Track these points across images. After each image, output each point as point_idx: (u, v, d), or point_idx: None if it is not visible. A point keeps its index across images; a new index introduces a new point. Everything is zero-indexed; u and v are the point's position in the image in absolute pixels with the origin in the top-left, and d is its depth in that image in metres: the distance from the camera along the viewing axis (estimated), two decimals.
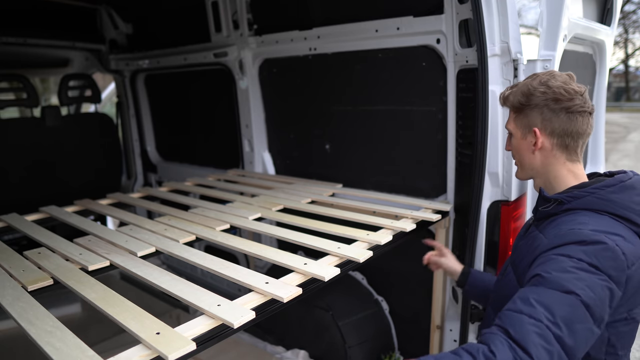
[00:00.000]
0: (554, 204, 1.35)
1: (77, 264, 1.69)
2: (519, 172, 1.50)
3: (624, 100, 33.48)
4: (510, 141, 1.48)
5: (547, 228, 1.35)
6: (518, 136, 1.42)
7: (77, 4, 3.81)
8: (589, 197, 1.29)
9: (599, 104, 2.92)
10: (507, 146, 1.51)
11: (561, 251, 1.19)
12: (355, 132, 2.69)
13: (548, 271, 1.17)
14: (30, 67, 4.28)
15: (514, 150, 1.46)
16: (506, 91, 1.45)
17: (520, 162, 1.46)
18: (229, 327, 1.25)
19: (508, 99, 1.43)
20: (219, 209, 2.32)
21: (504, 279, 1.50)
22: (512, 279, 1.43)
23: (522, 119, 1.40)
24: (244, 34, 2.99)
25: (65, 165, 3.71)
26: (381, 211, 2.21)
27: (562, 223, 1.29)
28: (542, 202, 1.40)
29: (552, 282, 1.14)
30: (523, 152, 1.43)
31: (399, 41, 2.32)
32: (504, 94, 1.45)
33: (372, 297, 2.76)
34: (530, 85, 1.36)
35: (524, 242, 1.44)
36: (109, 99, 5.24)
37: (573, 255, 1.17)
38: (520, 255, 1.41)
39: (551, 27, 2.01)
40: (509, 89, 1.45)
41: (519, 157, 1.45)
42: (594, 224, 1.23)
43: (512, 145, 1.47)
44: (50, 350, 1.13)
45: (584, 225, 1.23)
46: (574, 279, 1.13)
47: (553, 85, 1.34)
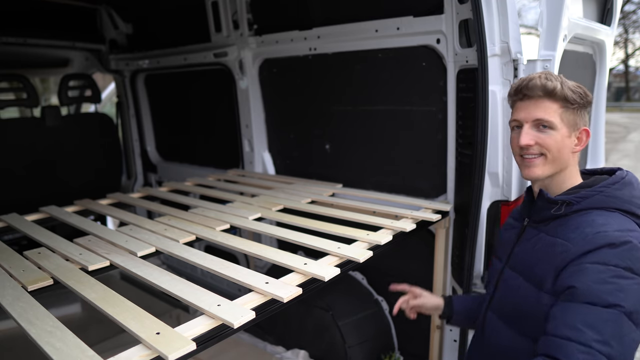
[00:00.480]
0: (561, 205, 1.33)
1: (77, 264, 1.69)
2: (545, 168, 1.35)
3: (624, 100, 33.48)
4: (540, 134, 1.34)
5: (558, 230, 1.32)
6: (564, 132, 1.32)
7: (77, 4, 3.81)
8: (598, 195, 1.30)
9: (599, 104, 2.92)
10: (530, 140, 1.34)
11: (595, 258, 1.19)
12: (355, 132, 2.69)
13: (587, 283, 1.16)
14: (30, 67, 4.28)
15: (554, 146, 1.33)
16: (548, 82, 1.31)
17: (556, 159, 1.34)
18: (229, 327, 1.25)
19: (558, 92, 1.31)
20: (219, 209, 2.32)
21: (507, 285, 1.44)
22: (521, 285, 1.37)
23: (569, 116, 1.33)
24: (244, 34, 2.99)
25: (65, 165, 3.71)
26: (381, 211, 2.21)
27: (579, 225, 1.27)
28: (545, 204, 1.37)
29: (592, 295, 1.14)
30: (564, 149, 1.34)
31: (399, 41, 2.32)
32: (553, 86, 1.31)
33: (372, 297, 2.76)
34: (571, 83, 1.33)
35: (526, 247, 1.41)
36: (109, 99, 5.24)
37: (608, 262, 1.17)
38: (528, 261, 1.37)
39: (551, 27, 2.01)
40: (546, 79, 1.32)
41: (558, 153, 1.33)
42: (614, 224, 1.24)
43: (552, 139, 1.33)
44: (50, 350, 1.13)
45: (607, 226, 1.23)
46: (615, 291, 1.14)
47: (584, 88, 1.35)
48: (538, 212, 1.40)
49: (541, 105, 1.33)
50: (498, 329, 1.46)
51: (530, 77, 1.36)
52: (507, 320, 1.42)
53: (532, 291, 1.32)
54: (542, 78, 1.33)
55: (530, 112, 1.35)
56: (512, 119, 1.42)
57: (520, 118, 1.38)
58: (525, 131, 1.35)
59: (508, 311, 1.41)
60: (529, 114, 1.35)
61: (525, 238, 1.44)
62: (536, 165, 1.36)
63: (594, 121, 2.92)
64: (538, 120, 1.34)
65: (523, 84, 1.36)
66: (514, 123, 1.41)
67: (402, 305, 1.78)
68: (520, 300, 1.36)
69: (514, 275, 1.43)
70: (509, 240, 1.53)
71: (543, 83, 1.32)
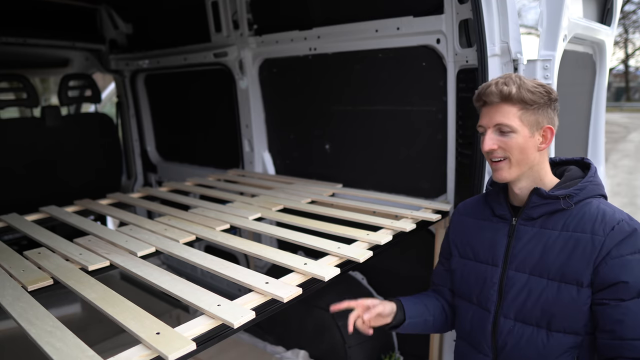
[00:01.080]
0: (564, 199, 1.36)
1: (77, 264, 1.69)
2: (512, 171, 1.40)
3: (624, 100, 33.46)
4: (502, 138, 1.38)
5: (567, 224, 1.36)
6: (525, 134, 1.36)
7: (77, 4, 3.81)
8: (590, 185, 1.38)
9: (599, 104, 2.92)
10: (493, 144, 1.38)
11: (631, 248, 1.28)
12: (355, 132, 2.69)
13: (637, 276, 1.25)
14: (30, 67, 4.28)
15: (517, 148, 1.37)
16: (504, 87, 1.35)
17: (521, 160, 1.39)
18: (229, 327, 1.25)
19: (515, 95, 1.34)
20: (219, 209, 2.32)
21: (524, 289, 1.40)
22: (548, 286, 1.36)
23: (529, 117, 1.36)
24: (244, 34, 2.99)
25: (65, 165, 3.71)
26: (381, 211, 2.21)
27: (590, 215, 1.34)
28: (541, 200, 1.38)
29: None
30: (528, 150, 1.38)
31: (399, 41, 2.32)
32: (509, 91, 1.34)
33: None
34: (530, 84, 1.36)
35: (531, 246, 1.39)
36: (109, 99, 5.24)
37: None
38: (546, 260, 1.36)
39: (551, 27, 2.01)
40: (502, 84, 1.36)
41: (521, 155, 1.38)
42: (616, 210, 1.35)
43: (513, 142, 1.37)
44: (50, 350, 1.13)
45: (617, 213, 1.33)
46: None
47: (547, 85, 1.39)
48: (533, 209, 1.40)
49: (500, 110, 1.37)
50: (520, 333, 1.41)
51: (488, 84, 1.40)
52: (536, 322, 1.39)
53: (568, 290, 1.32)
54: (499, 84, 1.37)
55: (491, 118, 1.39)
56: (477, 124, 1.45)
57: (483, 124, 1.42)
58: (488, 136, 1.40)
59: (536, 314, 1.38)
60: (490, 120, 1.40)
61: (522, 237, 1.42)
62: (502, 168, 1.41)
63: (594, 121, 2.92)
64: (498, 125, 1.38)
65: (482, 90, 1.41)
66: (480, 129, 1.44)
67: (357, 323, 1.54)
68: (553, 301, 1.35)
69: (530, 278, 1.39)
70: (492, 241, 1.49)
71: (499, 89, 1.36)
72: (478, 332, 1.51)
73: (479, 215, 1.57)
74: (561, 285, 1.33)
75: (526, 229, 1.42)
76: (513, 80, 1.37)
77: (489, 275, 1.48)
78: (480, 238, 1.53)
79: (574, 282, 1.32)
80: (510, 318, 1.43)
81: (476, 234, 1.55)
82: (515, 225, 1.44)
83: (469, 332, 1.56)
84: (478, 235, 1.54)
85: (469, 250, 1.56)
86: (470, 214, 1.61)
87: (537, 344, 1.38)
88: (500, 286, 1.45)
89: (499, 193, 1.51)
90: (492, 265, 1.48)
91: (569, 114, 2.47)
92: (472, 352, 1.55)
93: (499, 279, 1.46)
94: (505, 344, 1.44)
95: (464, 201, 1.69)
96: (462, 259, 1.58)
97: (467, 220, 1.60)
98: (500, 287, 1.45)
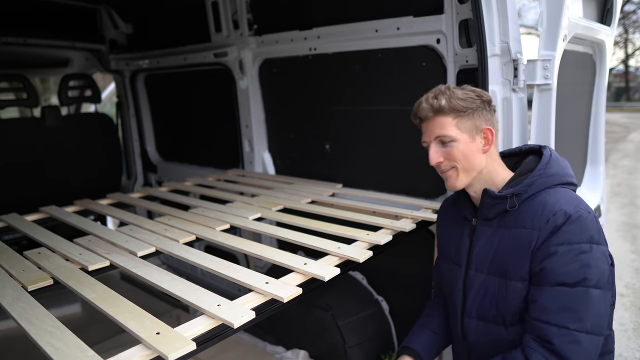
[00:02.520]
0: (511, 198, 1.38)
1: (77, 264, 1.69)
2: (461, 178, 1.44)
3: (624, 100, 33.46)
4: (445, 149, 1.42)
5: (516, 221, 1.38)
6: (465, 140, 1.41)
7: (77, 4, 3.81)
8: (539, 179, 1.38)
9: (599, 104, 2.91)
10: (439, 157, 1.43)
11: (559, 239, 1.29)
12: (356, 132, 2.69)
13: (555, 265, 1.28)
14: (30, 67, 4.28)
15: (461, 156, 1.41)
16: (435, 100, 1.40)
17: (467, 166, 1.42)
18: (229, 327, 1.25)
19: (445, 106, 1.39)
20: (219, 209, 2.32)
21: (482, 288, 1.45)
22: (500, 285, 1.40)
23: (466, 123, 1.40)
24: (244, 34, 2.99)
25: (65, 165, 3.71)
26: (381, 211, 2.21)
27: (535, 209, 1.35)
28: (492, 201, 1.41)
29: (560, 276, 1.27)
30: (472, 155, 1.42)
31: (399, 41, 2.32)
32: (439, 103, 1.39)
33: (372, 297, 2.76)
34: (457, 92, 1.41)
35: (487, 246, 1.43)
36: (109, 99, 5.24)
37: (571, 240, 1.28)
38: (498, 260, 1.40)
39: (551, 27, 2.01)
40: (432, 98, 1.41)
41: (466, 161, 1.42)
42: (563, 199, 1.34)
43: (456, 151, 1.41)
44: (50, 350, 1.13)
45: (559, 203, 1.33)
46: (580, 268, 1.26)
47: (476, 89, 1.44)
48: (488, 210, 1.44)
49: (436, 123, 1.43)
50: (483, 330, 1.47)
51: (419, 102, 1.46)
52: (494, 319, 1.44)
53: (516, 288, 1.37)
54: (429, 99, 1.43)
55: (431, 132, 1.45)
56: (421, 140, 1.51)
57: (425, 139, 1.48)
58: (432, 150, 1.46)
59: (492, 312, 1.44)
60: (429, 135, 1.46)
61: (480, 237, 1.46)
62: (452, 177, 1.46)
63: (594, 121, 2.92)
64: (439, 137, 1.43)
65: (415, 108, 1.48)
66: (424, 144, 1.50)
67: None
68: (503, 298, 1.40)
69: (487, 278, 1.44)
70: (458, 242, 1.53)
71: (430, 103, 1.42)
72: (454, 330, 1.59)
73: (450, 216, 1.63)
74: (508, 282, 1.39)
75: (484, 229, 1.46)
76: (442, 91, 1.42)
77: (454, 276, 1.54)
78: (449, 238, 1.59)
79: (517, 279, 1.37)
80: (473, 317, 1.49)
81: (448, 234, 1.61)
82: (476, 225, 1.48)
83: (451, 329, 1.63)
84: (449, 235, 1.60)
85: (444, 250, 1.63)
86: (444, 216, 1.67)
87: (499, 339, 1.44)
88: (464, 286, 1.51)
89: (461, 195, 1.55)
90: (458, 265, 1.53)
91: (569, 114, 2.46)
92: (454, 346, 1.65)
93: (462, 279, 1.51)
94: (474, 342, 1.51)
95: (446, 199, 1.74)
96: (440, 260, 1.66)
97: (442, 222, 1.68)
98: (464, 287, 1.51)
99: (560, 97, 2.05)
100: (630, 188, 9.23)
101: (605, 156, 3.18)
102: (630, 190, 9.06)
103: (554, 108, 1.99)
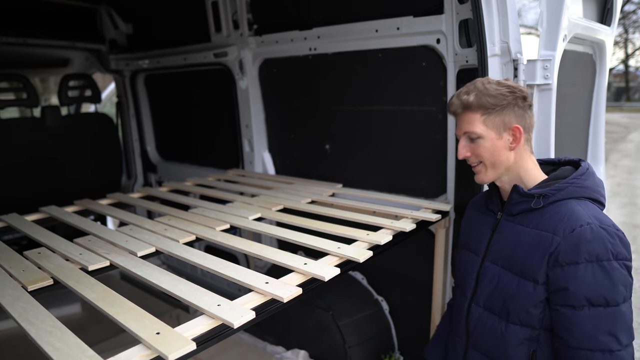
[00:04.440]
0: (538, 198, 1.39)
1: (77, 264, 1.69)
2: (488, 173, 1.47)
3: (624, 100, 33.46)
4: (473, 145, 1.45)
5: (538, 222, 1.38)
6: (492, 137, 1.42)
7: (77, 4, 3.81)
8: (570, 187, 1.38)
9: (599, 104, 2.92)
10: (466, 152, 1.47)
11: (585, 255, 1.27)
12: (356, 132, 2.69)
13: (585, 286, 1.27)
14: (30, 67, 4.28)
15: (486, 152, 1.44)
16: (464, 96, 1.42)
17: (494, 162, 1.45)
18: (229, 327, 1.25)
19: (473, 103, 1.40)
20: (219, 209, 2.32)
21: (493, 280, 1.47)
22: (511, 279, 1.42)
23: (494, 120, 1.41)
24: (244, 34, 2.99)
25: (65, 165, 3.71)
26: (381, 211, 2.21)
27: (560, 215, 1.35)
28: (520, 198, 1.43)
29: (593, 298, 1.27)
30: (499, 152, 1.43)
31: (399, 41, 2.32)
32: (467, 100, 1.41)
33: (372, 297, 2.76)
34: (490, 87, 1.40)
35: (505, 240, 1.45)
36: (109, 99, 5.24)
37: (599, 257, 1.26)
38: (513, 255, 1.42)
39: (551, 27, 2.01)
40: (464, 94, 1.43)
41: (492, 158, 1.44)
42: (589, 213, 1.33)
43: (482, 148, 1.44)
44: (50, 350, 1.13)
45: (585, 216, 1.31)
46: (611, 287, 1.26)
47: (512, 84, 1.43)
48: (513, 206, 1.45)
49: (465, 119, 1.45)
50: (485, 320, 1.50)
51: (452, 96, 1.48)
52: (498, 312, 1.46)
53: (525, 285, 1.38)
54: (461, 94, 1.44)
55: (460, 127, 1.48)
56: (455, 133, 1.53)
57: (456, 134, 1.52)
58: (461, 144, 1.48)
59: (498, 305, 1.45)
60: (460, 129, 1.48)
61: (502, 231, 1.48)
62: (479, 172, 1.49)
63: (594, 121, 2.92)
64: (467, 133, 1.46)
65: (449, 102, 1.49)
66: (457, 136, 1.52)
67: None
68: (512, 294, 1.41)
69: (499, 270, 1.47)
70: (481, 233, 1.56)
71: (461, 99, 1.43)
72: (457, 316, 1.62)
73: (479, 208, 1.65)
74: (520, 280, 1.40)
75: (507, 224, 1.48)
76: (476, 87, 1.42)
77: (471, 264, 1.57)
78: (473, 229, 1.62)
79: (530, 279, 1.37)
80: (480, 305, 1.52)
81: (473, 224, 1.64)
82: (500, 219, 1.51)
83: (453, 315, 1.67)
84: (473, 226, 1.63)
85: (466, 239, 1.65)
86: (474, 207, 1.69)
87: (496, 333, 1.46)
88: (478, 275, 1.53)
89: (493, 189, 1.58)
90: (476, 254, 1.56)
91: (569, 114, 2.47)
92: (452, 335, 1.67)
93: (477, 268, 1.54)
94: (474, 328, 1.54)
95: (476, 196, 1.77)
96: (461, 248, 1.68)
97: (471, 212, 1.69)
98: (478, 276, 1.53)
99: (560, 97, 2.05)
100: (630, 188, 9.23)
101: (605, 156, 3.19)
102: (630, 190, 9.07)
103: (554, 108, 1.99)
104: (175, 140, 4.07)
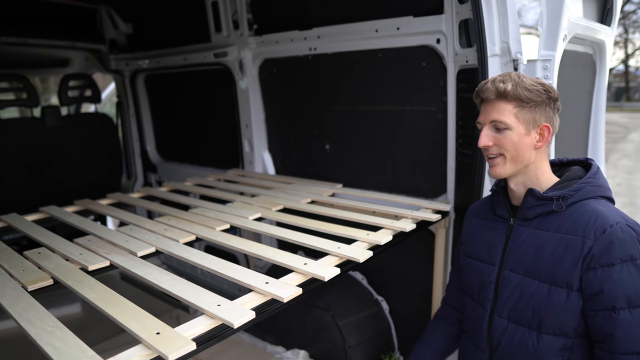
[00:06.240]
0: (558, 201, 1.35)
1: (77, 264, 1.69)
2: (507, 167, 1.40)
3: (624, 100, 33.47)
4: (498, 135, 1.39)
5: (560, 225, 1.35)
6: (520, 131, 1.36)
7: (77, 4, 3.81)
8: (587, 186, 1.36)
9: (599, 104, 2.92)
10: (489, 141, 1.40)
11: (619, 255, 1.25)
12: (355, 132, 2.69)
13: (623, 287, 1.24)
14: (30, 67, 4.28)
15: (511, 145, 1.37)
16: (501, 84, 1.36)
17: (516, 157, 1.39)
18: (229, 327, 1.25)
19: (510, 92, 1.34)
20: (219, 209, 2.32)
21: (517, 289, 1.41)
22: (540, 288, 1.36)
23: (526, 114, 1.36)
24: (244, 34, 2.99)
25: (65, 165, 3.71)
26: (381, 211, 2.21)
27: (584, 217, 1.32)
28: (536, 201, 1.39)
29: (633, 299, 1.24)
30: (523, 148, 1.38)
31: (399, 41, 2.32)
32: (505, 88, 1.35)
33: (372, 297, 2.76)
34: (527, 81, 1.36)
35: (525, 247, 1.40)
36: (109, 99, 5.24)
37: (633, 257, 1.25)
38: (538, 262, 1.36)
39: (551, 27, 2.01)
40: (499, 82, 1.37)
41: (516, 152, 1.38)
42: (611, 212, 1.31)
43: (507, 140, 1.37)
44: (50, 350, 1.13)
45: (611, 216, 1.30)
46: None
47: (547, 84, 1.39)
48: (528, 210, 1.41)
49: (496, 107, 1.38)
50: (513, 333, 1.43)
51: (486, 81, 1.41)
52: (527, 323, 1.40)
53: (558, 293, 1.33)
54: (496, 81, 1.38)
55: (487, 114, 1.41)
56: (476, 121, 1.47)
57: (480, 120, 1.44)
58: (484, 132, 1.42)
59: (527, 315, 1.39)
60: (486, 116, 1.41)
61: (518, 237, 1.43)
62: (497, 164, 1.42)
63: (594, 121, 2.92)
64: (494, 122, 1.39)
65: (480, 87, 1.42)
66: (478, 125, 1.46)
67: None
68: (543, 303, 1.35)
69: (522, 279, 1.40)
70: (492, 241, 1.50)
71: (496, 86, 1.37)
72: (477, 329, 1.54)
73: (483, 215, 1.59)
74: (551, 287, 1.34)
75: (522, 229, 1.43)
76: (511, 77, 1.37)
77: (486, 274, 1.50)
78: (482, 237, 1.55)
79: (564, 286, 1.32)
80: (504, 317, 1.45)
81: (479, 233, 1.57)
82: (513, 225, 1.45)
83: (470, 328, 1.59)
84: (481, 234, 1.56)
85: (473, 249, 1.58)
86: (476, 215, 1.63)
87: (527, 345, 1.40)
88: (496, 285, 1.47)
89: (499, 194, 1.53)
90: (490, 264, 1.49)
91: (569, 114, 2.47)
92: (472, 348, 1.58)
93: (495, 278, 1.47)
94: (499, 342, 1.46)
95: (472, 205, 1.72)
96: (467, 258, 1.61)
97: (473, 220, 1.63)
98: (496, 286, 1.47)
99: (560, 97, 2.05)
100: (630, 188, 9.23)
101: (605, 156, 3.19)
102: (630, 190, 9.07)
103: None
104: (175, 140, 4.07)
